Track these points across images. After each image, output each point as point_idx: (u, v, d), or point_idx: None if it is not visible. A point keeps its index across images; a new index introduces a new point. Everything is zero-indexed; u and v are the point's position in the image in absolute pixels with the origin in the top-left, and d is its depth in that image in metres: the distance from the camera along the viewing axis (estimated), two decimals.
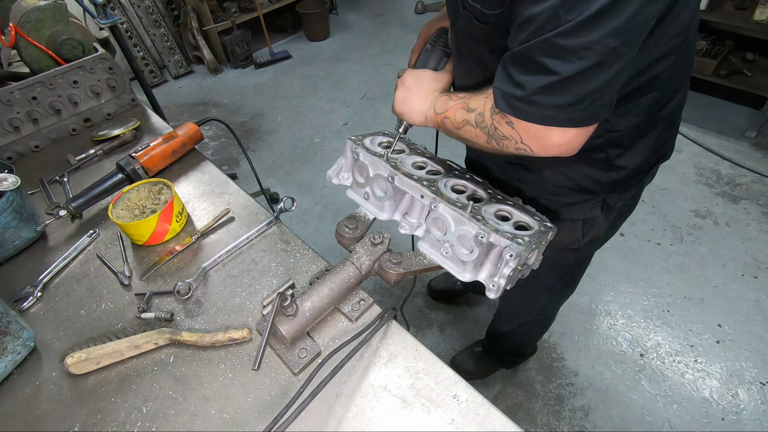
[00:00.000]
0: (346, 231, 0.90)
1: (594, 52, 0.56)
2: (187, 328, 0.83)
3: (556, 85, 0.60)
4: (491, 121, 0.72)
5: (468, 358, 1.77)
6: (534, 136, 0.67)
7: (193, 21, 3.68)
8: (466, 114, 0.77)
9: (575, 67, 0.58)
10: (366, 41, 4.12)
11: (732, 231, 2.23)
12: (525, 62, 0.62)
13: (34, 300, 0.89)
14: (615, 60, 0.58)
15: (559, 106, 0.62)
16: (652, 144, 0.85)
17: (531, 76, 0.61)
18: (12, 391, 0.76)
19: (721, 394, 1.67)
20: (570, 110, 0.62)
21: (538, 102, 0.62)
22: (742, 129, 2.74)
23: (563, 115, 0.62)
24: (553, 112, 0.62)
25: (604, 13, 0.54)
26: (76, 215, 1.05)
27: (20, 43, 1.26)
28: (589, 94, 0.60)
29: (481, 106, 0.74)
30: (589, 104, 0.61)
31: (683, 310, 1.93)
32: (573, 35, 0.56)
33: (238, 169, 2.89)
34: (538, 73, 0.61)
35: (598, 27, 0.55)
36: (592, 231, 0.99)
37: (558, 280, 1.20)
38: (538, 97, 0.62)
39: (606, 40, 0.55)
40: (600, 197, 0.91)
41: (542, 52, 0.59)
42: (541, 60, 0.59)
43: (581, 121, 0.63)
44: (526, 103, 0.63)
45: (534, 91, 0.62)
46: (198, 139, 1.22)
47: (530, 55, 0.60)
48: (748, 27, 2.56)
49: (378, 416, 0.69)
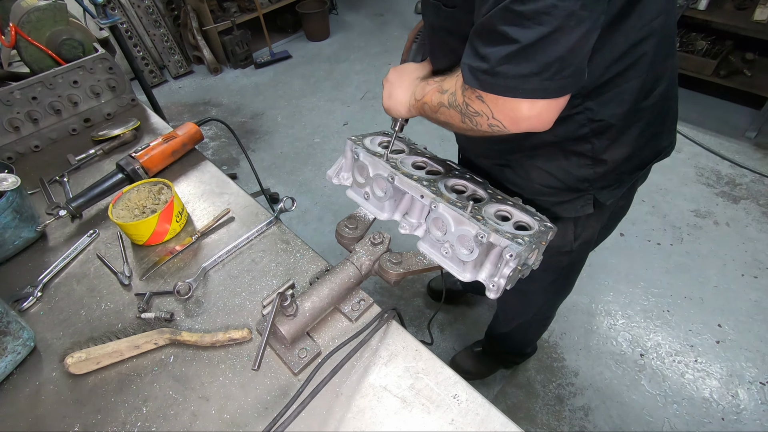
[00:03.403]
0: (346, 231, 0.90)
1: (552, 17, 0.55)
2: (187, 328, 0.83)
3: (518, 54, 0.59)
4: (462, 98, 0.71)
5: (468, 359, 1.77)
6: (503, 109, 0.65)
7: (193, 21, 3.68)
8: (440, 96, 0.77)
9: (534, 33, 0.57)
10: (366, 41, 4.12)
11: (732, 231, 2.22)
12: (487, 33, 0.61)
13: (34, 300, 0.89)
14: (576, 25, 0.56)
15: (523, 76, 0.60)
16: (638, 135, 0.84)
17: (494, 47, 0.61)
18: (12, 391, 0.76)
19: (721, 394, 1.67)
20: (536, 80, 0.60)
21: (502, 73, 0.61)
22: (742, 129, 2.74)
23: (529, 85, 0.61)
24: (518, 83, 0.61)
25: None
26: (76, 215, 1.05)
27: (20, 43, 1.26)
28: (553, 62, 0.59)
29: (452, 85, 0.75)
30: (554, 73, 0.60)
31: (683, 310, 1.93)
32: (529, 1, 0.55)
33: (238, 169, 2.89)
34: (501, 43, 0.60)
35: None
36: (584, 233, 0.99)
37: (553, 281, 1.20)
38: (502, 68, 0.61)
39: (563, 3, 0.54)
40: (590, 194, 0.91)
41: (502, 21, 0.58)
42: (502, 29, 0.59)
43: (548, 91, 0.62)
44: (491, 75, 0.62)
45: (498, 62, 0.60)
46: (198, 139, 1.22)
47: (491, 25, 0.60)
48: (748, 27, 2.56)
49: (378, 416, 0.69)
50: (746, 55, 2.79)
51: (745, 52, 2.80)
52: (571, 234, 0.98)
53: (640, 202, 2.39)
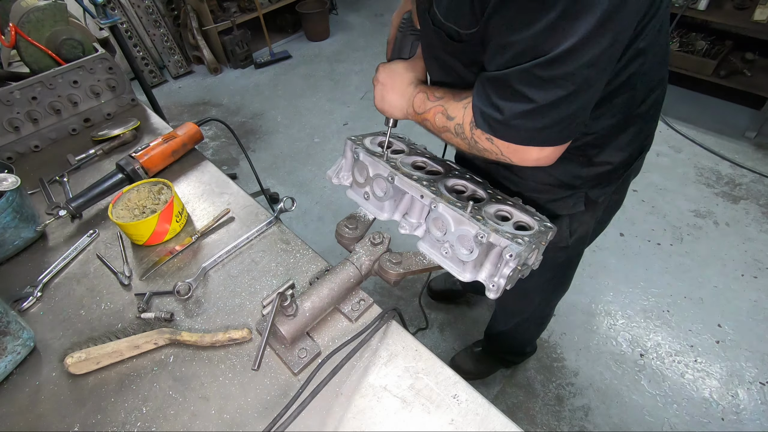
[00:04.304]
0: (346, 231, 0.90)
1: (570, 82, 0.59)
2: (187, 328, 0.83)
3: (533, 112, 0.62)
4: (471, 134, 0.73)
5: (468, 358, 1.77)
6: (513, 152, 0.69)
7: (193, 21, 3.68)
8: (446, 121, 0.77)
9: (552, 95, 0.60)
10: (366, 41, 4.12)
11: (732, 231, 2.22)
12: (503, 87, 0.64)
13: (34, 300, 0.89)
14: (590, 87, 0.61)
15: (536, 129, 0.64)
16: (631, 139, 0.85)
17: (509, 102, 0.64)
18: (12, 391, 0.76)
19: (721, 394, 1.67)
20: (547, 132, 0.65)
21: (516, 126, 0.65)
22: (742, 129, 2.74)
23: (540, 136, 0.65)
24: (531, 134, 0.65)
25: (581, 46, 0.56)
26: (76, 215, 1.05)
27: (20, 43, 1.26)
28: (564, 118, 0.63)
29: (459, 116, 0.75)
30: (565, 126, 0.65)
31: (683, 310, 1.93)
32: (550, 67, 0.58)
33: (238, 169, 2.89)
34: (516, 99, 0.63)
35: (574, 59, 0.57)
36: (579, 228, 1.00)
37: (550, 278, 1.20)
38: (516, 122, 0.64)
39: (582, 71, 0.58)
40: (582, 192, 0.91)
41: (520, 81, 0.61)
42: (519, 87, 0.61)
43: (557, 140, 0.67)
44: (504, 125, 0.66)
45: (512, 116, 0.64)
46: (198, 139, 1.22)
47: (508, 81, 0.62)
48: (748, 27, 2.56)
49: (378, 416, 0.69)
50: (746, 55, 2.79)
51: (745, 52, 2.80)
52: (567, 230, 0.99)
53: (640, 202, 2.40)
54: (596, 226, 1.07)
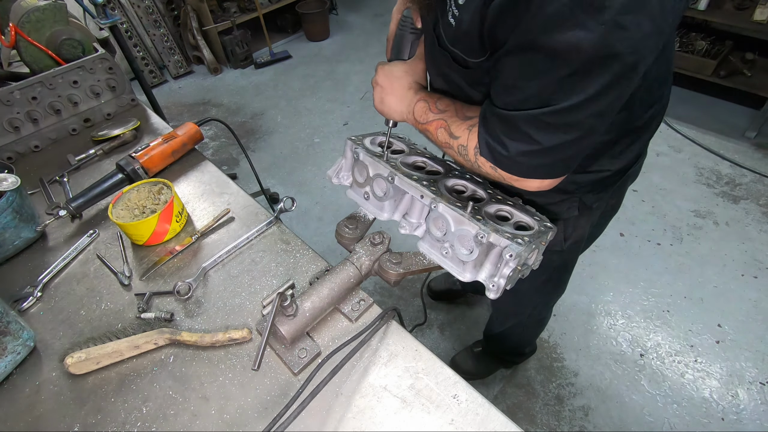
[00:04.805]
0: (346, 231, 0.90)
1: (576, 129, 0.61)
2: (187, 328, 0.83)
3: (538, 152, 0.65)
4: (475, 159, 0.74)
5: (468, 358, 1.77)
6: (516, 180, 0.72)
7: (193, 21, 3.68)
8: (449, 138, 0.77)
9: (557, 139, 0.62)
10: (366, 41, 4.12)
11: (732, 231, 2.22)
12: (509, 127, 0.65)
13: (34, 300, 0.89)
14: (595, 132, 0.63)
15: (539, 165, 0.68)
16: (627, 149, 0.85)
17: (515, 141, 0.65)
18: (12, 391, 0.76)
19: (721, 394, 1.67)
20: (549, 168, 0.68)
21: (520, 162, 0.68)
22: (742, 129, 2.74)
23: (542, 170, 0.69)
24: (534, 169, 0.68)
25: (592, 101, 0.57)
26: (76, 215, 1.05)
27: (20, 43, 1.26)
28: (567, 158, 0.67)
29: (464, 138, 0.75)
30: (567, 163, 0.68)
31: (683, 310, 1.93)
32: (558, 115, 0.59)
33: (238, 169, 2.89)
34: (522, 140, 0.64)
35: (582, 110, 0.58)
36: (574, 233, 0.99)
37: (545, 281, 1.19)
38: (521, 158, 0.67)
39: (588, 120, 0.60)
40: (576, 197, 0.91)
41: (527, 124, 0.62)
42: (525, 129, 0.63)
43: (559, 174, 0.70)
44: (508, 160, 0.68)
45: (517, 153, 0.66)
46: (198, 139, 1.22)
47: (515, 122, 0.63)
48: (748, 27, 2.56)
49: (378, 416, 0.69)
50: (746, 55, 2.79)
51: (745, 52, 2.80)
52: (561, 234, 0.98)
53: (640, 202, 2.40)
54: (593, 230, 1.07)
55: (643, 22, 0.52)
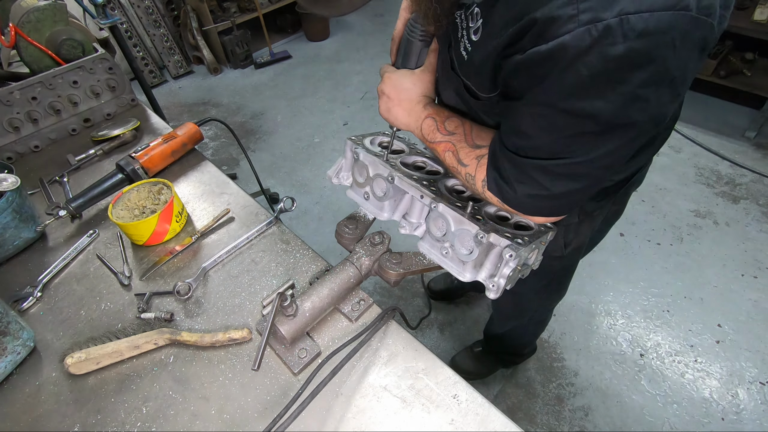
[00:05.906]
0: (346, 231, 0.90)
1: (586, 178, 0.63)
2: (187, 328, 0.83)
3: (546, 197, 0.66)
4: (482, 189, 0.74)
5: (468, 358, 1.77)
6: (521, 214, 0.73)
7: (193, 21, 3.68)
8: (457, 164, 0.77)
9: (566, 187, 0.63)
10: (366, 41, 4.12)
11: (732, 231, 2.22)
12: (519, 171, 0.65)
13: (34, 300, 0.89)
14: (602, 181, 0.65)
15: (546, 206, 0.69)
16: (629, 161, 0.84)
17: (523, 184, 0.66)
18: (12, 391, 0.76)
19: (721, 394, 1.67)
20: (556, 209, 0.70)
21: (526, 203, 0.69)
22: (742, 129, 2.74)
23: (548, 210, 0.70)
24: (540, 209, 0.70)
25: (603, 156, 0.58)
26: (76, 215, 1.05)
27: (20, 43, 1.26)
28: (574, 201, 0.69)
29: (472, 167, 0.74)
30: (572, 206, 0.71)
31: (683, 310, 1.93)
32: (569, 167, 0.60)
33: (238, 169, 2.89)
34: (531, 184, 0.65)
35: (594, 164, 0.60)
36: (575, 240, 0.99)
37: (546, 285, 1.19)
38: (528, 200, 0.68)
39: (598, 171, 0.62)
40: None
41: (537, 171, 0.63)
42: (535, 176, 0.63)
43: (565, 213, 0.72)
44: (516, 199, 0.69)
45: (524, 196, 0.67)
46: (198, 139, 1.22)
47: (525, 168, 0.64)
48: (748, 27, 2.56)
49: (378, 416, 0.69)
50: (746, 55, 2.79)
51: (745, 52, 2.80)
52: (561, 240, 0.98)
53: (640, 202, 2.40)
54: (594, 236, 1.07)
55: (664, 94, 0.52)
